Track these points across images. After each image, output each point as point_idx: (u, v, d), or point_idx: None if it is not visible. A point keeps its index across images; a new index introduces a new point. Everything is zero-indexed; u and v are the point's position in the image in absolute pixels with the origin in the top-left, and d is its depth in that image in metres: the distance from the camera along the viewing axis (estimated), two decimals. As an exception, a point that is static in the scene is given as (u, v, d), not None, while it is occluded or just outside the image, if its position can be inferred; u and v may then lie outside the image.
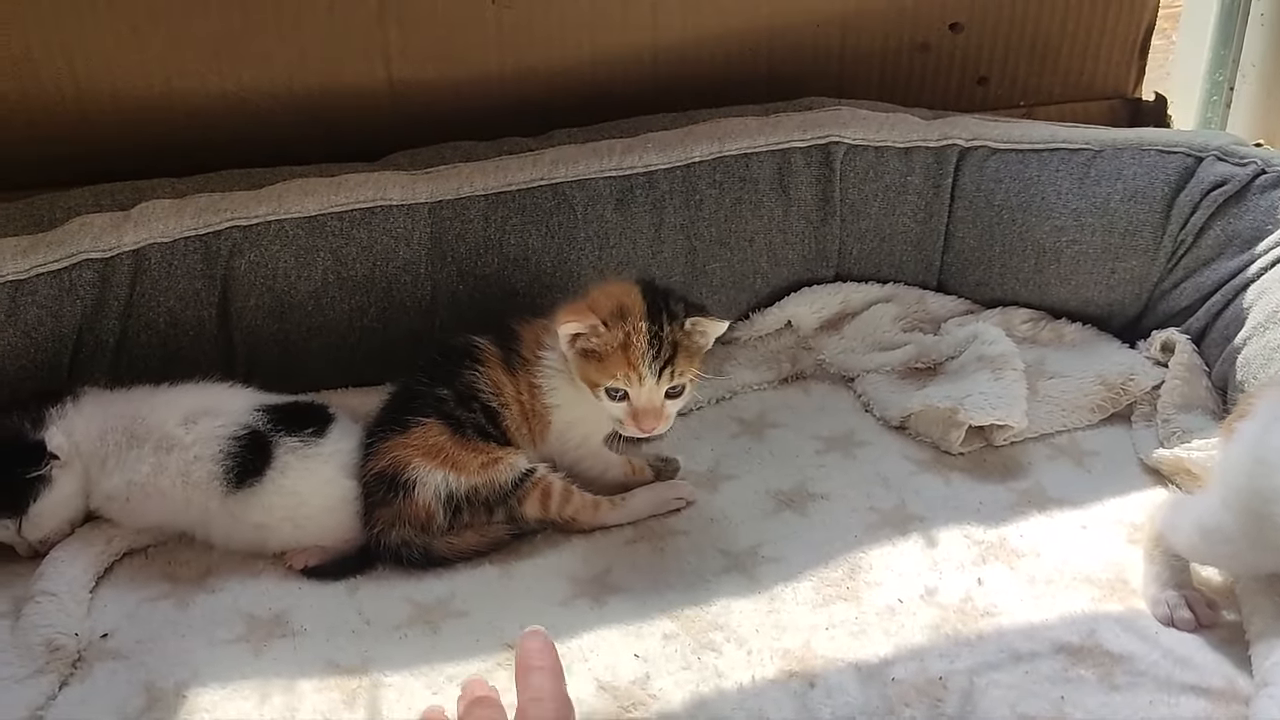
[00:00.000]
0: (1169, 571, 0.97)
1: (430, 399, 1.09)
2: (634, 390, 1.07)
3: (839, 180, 1.35)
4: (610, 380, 1.07)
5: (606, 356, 1.07)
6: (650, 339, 1.07)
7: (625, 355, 1.06)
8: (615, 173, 1.31)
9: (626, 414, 1.08)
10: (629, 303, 1.09)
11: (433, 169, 1.30)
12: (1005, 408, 1.17)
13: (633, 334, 1.06)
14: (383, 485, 1.06)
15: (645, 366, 1.06)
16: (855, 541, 1.08)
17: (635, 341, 1.06)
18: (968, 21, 1.55)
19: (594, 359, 1.07)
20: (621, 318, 1.07)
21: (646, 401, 1.08)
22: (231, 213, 1.21)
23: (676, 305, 1.10)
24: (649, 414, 1.08)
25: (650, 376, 1.07)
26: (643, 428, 1.08)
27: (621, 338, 1.06)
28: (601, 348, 1.07)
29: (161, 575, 1.06)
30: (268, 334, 1.23)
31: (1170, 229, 1.26)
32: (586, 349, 1.07)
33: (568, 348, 1.09)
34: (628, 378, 1.06)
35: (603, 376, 1.07)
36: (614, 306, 1.08)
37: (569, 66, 1.42)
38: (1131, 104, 1.64)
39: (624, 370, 1.06)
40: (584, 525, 1.11)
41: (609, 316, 1.07)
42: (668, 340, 1.08)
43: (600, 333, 1.07)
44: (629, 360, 1.06)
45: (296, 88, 1.34)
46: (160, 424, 1.06)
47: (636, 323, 1.07)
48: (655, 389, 1.08)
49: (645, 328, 1.07)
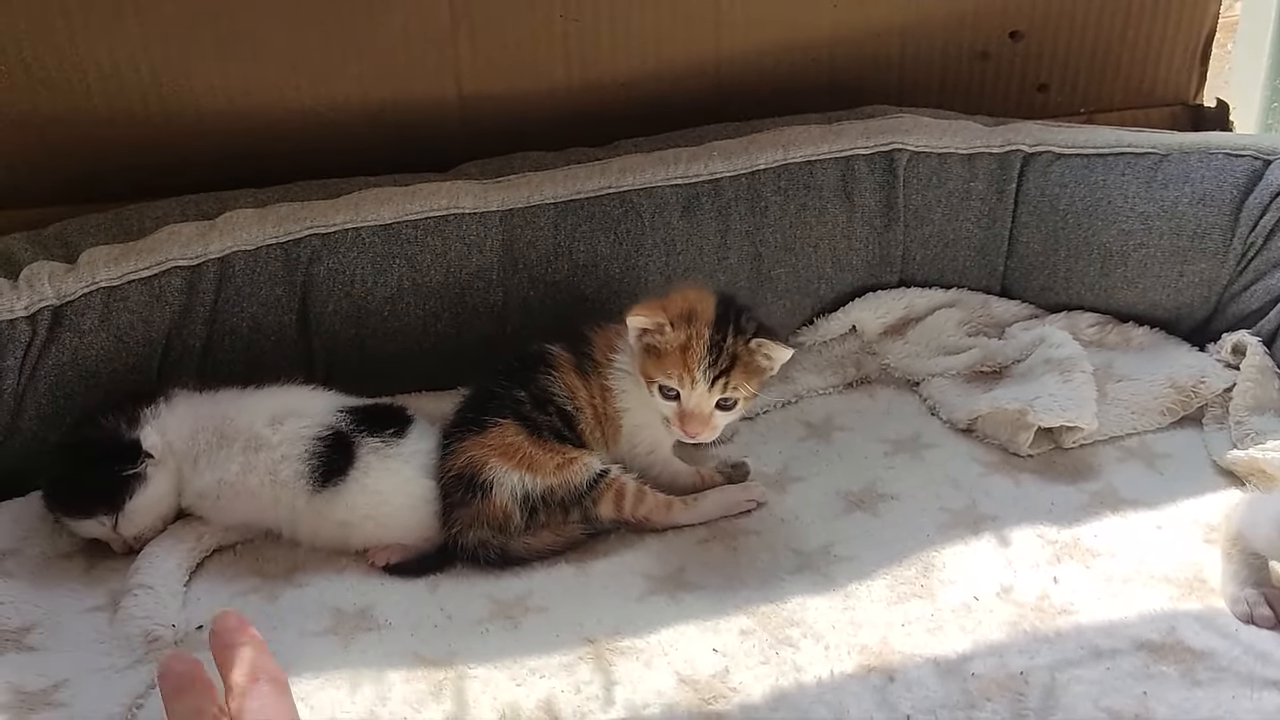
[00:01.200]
0: (1247, 570, 0.96)
1: (507, 400, 1.12)
2: (685, 392, 1.10)
3: (902, 186, 1.36)
4: (664, 377, 1.09)
5: (665, 354, 1.09)
6: (710, 346, 1.09)
7: (683, 356, 1.09)
8: (681, 180, 1.33)
9: (674, 414, 1.11)
10: (700, 309, 1.11)
11: (503, 178, 1.33)
12: (1075, 409, 1.17)
13: (694, 338, 1.09)
14: (461, 486, 1.09)
15: (699, 370, 1.09)
16: (928, 541, 1.09)
17: (695, 345, 1.09)
18: (1027, 29, 1.56)
19: (654, 355, 1.10)
20: (688, 321, 1.10)
21: (695, 405, 1.10)
22: (311, 221, 1.25)
23: (748, 323, 1.13)
24: (695, 418, 1.10)
25: (703, 382, 1.09)
26: (687, 430, 1.10)
27: (683, 339, 1.09)
28: (663, 345, 1.10)
29: (251, 570, 1.09)
30: (345, 338, 1.26)
31: (1240, 231, 1.26)
32: (650, 344, 1.10)
33: (635, 340, 1.11)
34: (681, 378, 1.09)
35: (658, 372, 1.10)
36: (685, 309, 1.11)
37: (634, 78, 1.45)
38: (1193, 110, 1.64)
39: (679, 370, 1.09)
40: (657, 525, 1.13)
41: (677, 317, 1.10)
42: (727, 351, 1.10)
43: (665, 331, 1.09)
44: (685, 362, 1.09)
45: (371, 101, 1.38)
46: (248, 424, 1.09)
47: (700, 328, 1.10)
48: (706, 396, 1.10)
49: (708, 334, 1.10)
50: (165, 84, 1.33)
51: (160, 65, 1.32)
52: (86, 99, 1.32)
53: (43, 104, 1.30)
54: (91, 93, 1.32)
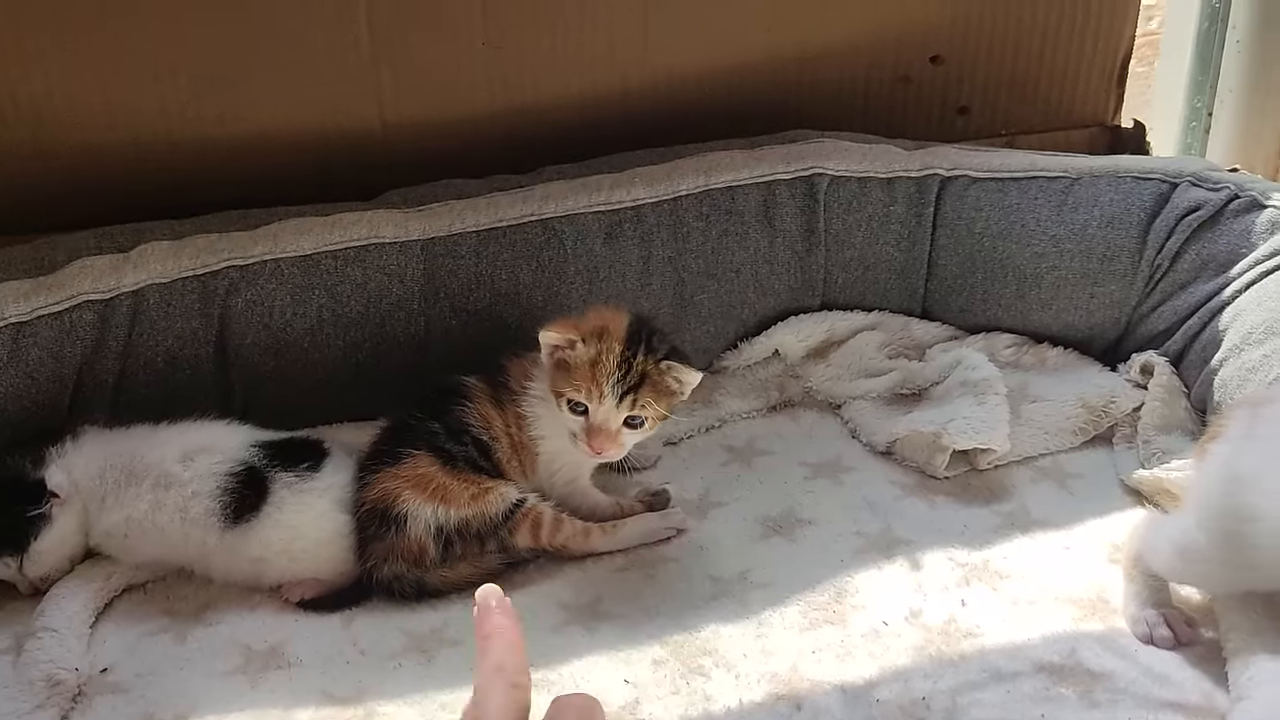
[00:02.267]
0: (1148, 590, 0.98)
1: (422, 432, 1.12)
2: (593, 406, 1.10)
3: (823, 211, 1.38)
4: (573, 391, 1.10)
5: (575, 369, 1.10)
6: (620, 362, 1.10)
7: (592, 371, 1.10)
8: (604, 207, 1.34)
9: (582, 429, 1.11)
10: (613, 326, 1.12)
11: (425, 207, 1.33)
12: (988, 431, 1.19)
13: (604, 353, 1.10)
14: (375, 519, 1.08)
15: (607, 385, 1.09)
16: (842, 566, 1.10)
17: (604, 360, 1.10)
18: (947, 54, 1.58)
19: (564, 370, 1.11)
20: (599, 337, 1.11)
21: (602, 421, 1.10)
22: (228, 253, 1.24)
23: (659, 343, 1.13)
24: (602, 434, 1.10)
25: (610, 397, 1.10)
26: (594, 446, 1.11)
27: (593, 354, 1.10)
28: (573, 360, 1.10)
29: (160, 610, 1.08)
30: (264, 371, 1.25)
31: (1147, 254, 1.28)
32: (561, 360, 1.11)
33: (547, 357, 1.12)
34: (589, 392, 1.09)
35: (567, 386, 1.10)
36: (597, 326, 1.12)
37: (558, 104, 1.45)
38: (1111, 131, 1.67)
39: (587, 384, 1.09)
40: (576, 553, 1.13)
41: (589, 334, 1.11)
42: (636, 369, 1.11)
43: (576, 346, 1.10)
44: (594, 376, 1.09)
45: (292, 130, 1.38)
46: (158, 461, 1.08)
47: (611, 344, 1.11)
48: (614, 412, 1.10)
49: (618, 350, 1.10)
50: (82, 114, 1.32)
51: (78, 97, 1.31)
52: (4, 131, 1.30)
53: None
54: (8, 125, 1.30)
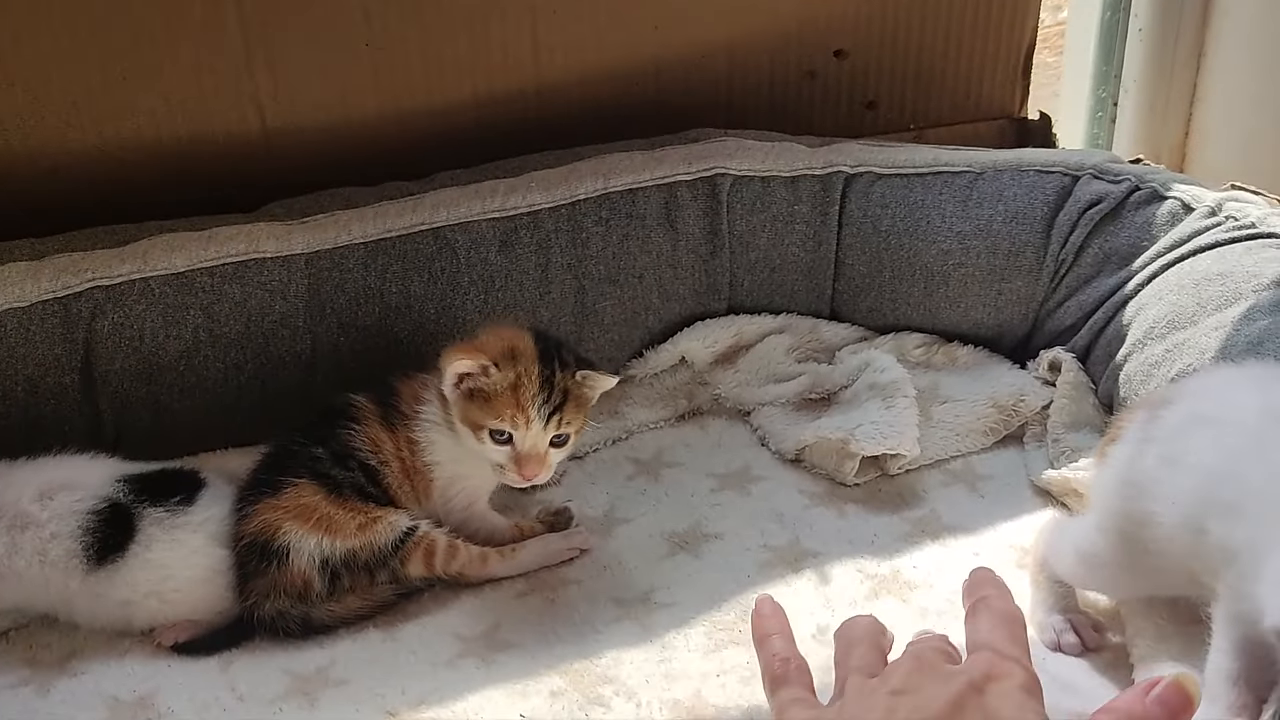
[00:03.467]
0: (1054, 596, 0.96)
1: (304, 458, 1.06)
2: (519, 434, 1.04)
3: (726, 212, 1.34)
4: (496, 421, 1.04)
5: (495, 397, 1.04)
6: (541, 383, 1.04)
7: (515, 396, 1.04)
8: (498, 214, 1.29)
9: (509, 459, 1.05)
10: (521, 346, 1.06)
11: (309, 219, 1.26)
12: (896, 436, 1.16)
13: (524, 376, 1.04)
14: (255, 554, 1.02)
15: (534, 410, 1.04)
16: (748, 582, 1.06)
17: (526, 384, 1.04)
18: (851, 48, 1.55)
19: (480, 399, 1.04)
20: (513, 359, 1.05)
21: (531, 447, 1.05)
22: (92, 273, 1.16)
23: (569, 355, 1.09)
24: (532, 460, 1.05)
25: (538, 421, 1.04)
26: (524, 474, 1.05)
27: (513, 378, 1.04)
28: (490, 388, 1.04)
29: (21, 660, 1.00)
30: (136, 398, 1.18)
31: (1051, 248, 1.26)
32: (473, 389, 1.04)
33: (452, 389, 1.05)
34: (514, 420, 1.04)
35: (488, 417, 1.04)
36: (505, 348, 1.06)
37: (450, 108, 1.40)
38: (1018, 123, 1.66)
39: (512, 412, 1.03)
40: (473, 579, 1.08)
41: (500, 357, 1.05)
42: (559, 387, 1.05)
43: (491, 373, 1.04)
44: (518, 402, 1.03)
45: (164, 139, 1.30)
46: (14, 501, 1.01)
47: (529, 365, 1.05)
48: (541, 435, 1.05)
49: (538, 371, 1.05)
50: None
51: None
52: None
53: None
54: None
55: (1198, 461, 0.78)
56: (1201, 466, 0.78)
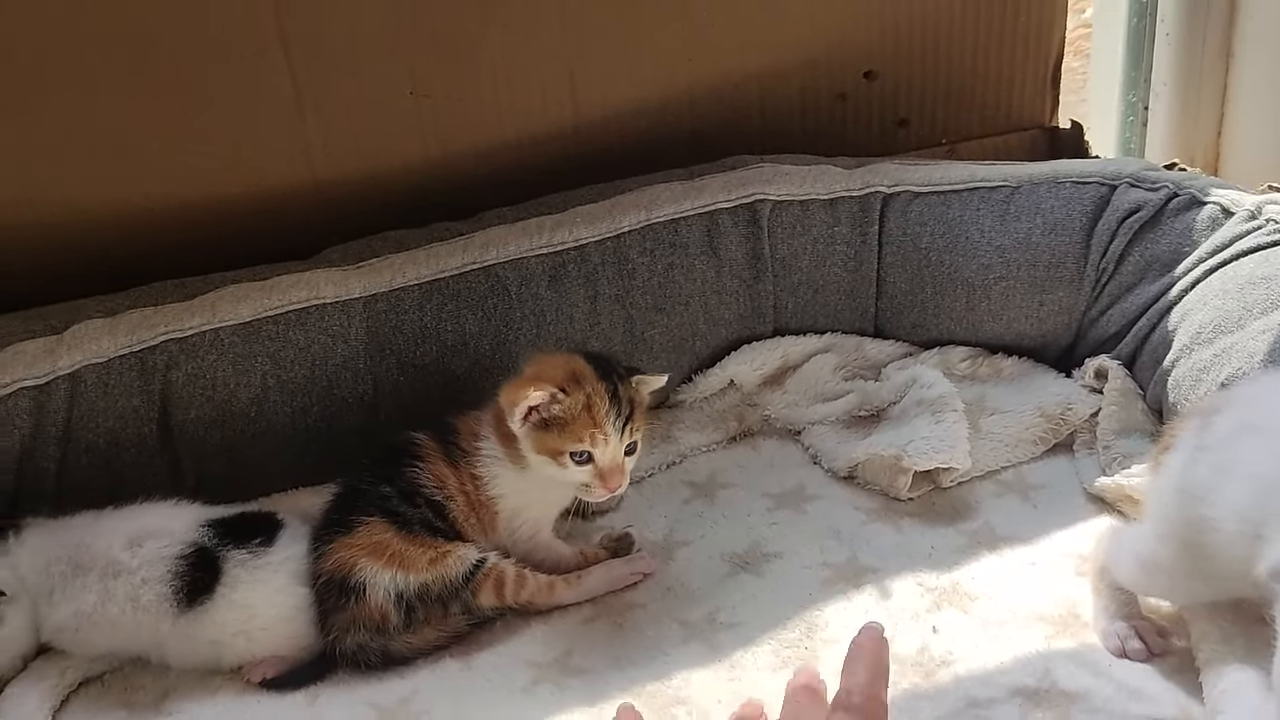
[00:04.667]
0: (1116, 603, 0.98)
1: (373, 497, 1.09)
2: (599, 450, 1.08)
3: (767, 237, 1.37)
4: (576, 443, 1.07)
5: (571, 421, 1.07)
6: (612, 398, 1.08)
7: (591, 416, 1.07)
8: (546, 250, 1.33)
9: (593, 476, 1.09)
10: (579, 369, 1.10)
11: (365, 263, 1.31)
12: (948, 450, 1.18)
13: (594, 395, 1.08)
14: (333, 590, 1.06)
15: (610, 425, 1.08)
16: (810, 600, 1.09)
17: (598, 402, 1.08)
18: (881, 69, 1.58)
19: (555, 427, 1.08)
20: (577, 382, 1.09)
21: (611, 460, 1.09)
22: (165, 326, 1.21)
23: (619, 365, 1.13)
24: (615, 472, 1.09)
25: (615, 435, 1.08)
26: (610, 486, 1.09)
27: (584, 400, 1.07)
28: (564, 414, 1.07)
29: (118, 703, 1.05)
30: (212, 444, 1.22)
31: (1092, 258, 1.28)
32: (546, 418, 1.08)
33: (521, 424, 1.08)
34: (594, 438, 1.07)
35: (567, 442, 1.07)
36: (565, 374, 1.09)
37: (493, 149, 1.44)
38: (1050, 133, 1.68)
39: (590, 431, 1.07)
40: (541, 607, 1.11)
41: (565, 383, 1.08)
42: (625, 398, 1.09)
43: (560, 399, 1.07)
44: (595, 420, 1.07)
45: (222, 194, 1.35)
46: (105, 550, 1.05)
47: (595, 384, 1.08)
48: (619, 446, 1.09)
49: (604, 388, 1.08)
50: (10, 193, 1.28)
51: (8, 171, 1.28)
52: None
53: None
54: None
55: (1250, 470, 0.80)
56: (1254, 474, 0.80)
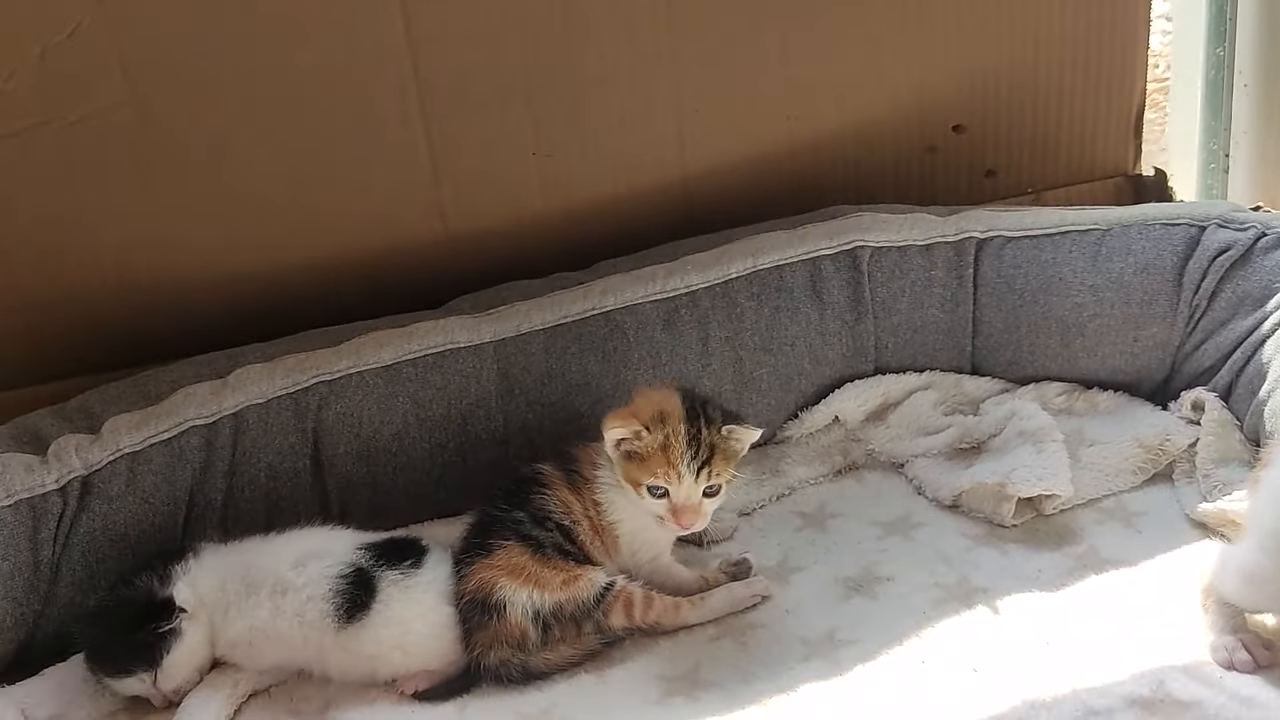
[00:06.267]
0: (1224, 619, 1.02)
1: (508, 522, 1.18)
2: (673, 488, 1.16)
3: (868, 281, 1.45)
4: (651, 478, 1.16)
5: (648, 457, 1.16)
6: (689, 441, 1.16)
7: (665, 455, 1.16)
8: (660, 296, 1.42)
9: (667, 510, 1.17)
10: (669, 408, 1.19)
11: (494, 310, 1.41)
12: (1051, 477, 1.24)
13: (672, 436, 1.16)
14: (476, 609, 1.14)
15: (684, 466, 1.16)
16: (925, 619, 1.15)
17: (674, 443, 1.16)
18: (969, 122, 1.66)
19: (637, 460, 1.17)
20: (662, 421, 1.17)
21: (685, 499, 1.17)
22: (316, 370, 1.33)
23: (714, 411, 1.20)
24: (688, 510, 1.17)
25: (689, 475, 1.16)
26: (681, 523, 1.17)
27: (662, 439, 1.16)
28: (644, 449, 1.16)
29: (286, 711, 1.14)
30: (358, 477, 1.33)
31: (1184, 295, 1.34)
32: (630, 451, 1.17)
33: (613, 450, 1.18)
34: (667, 476, 1.16)
35: (644, 475, 1.16)
36: (655, 411, 1.18)
37: (607, 201, 1.55)
38: (1134, 180, 1.74)
39: (664, 469, 1.15)
40: (668, 627, 1.18)
41: (650, 421, 1.17)
42: (705, 442, 1.17)
43: (643, 436, 1.16)
44: (669, 460, 1.15)
45: (365, 250, 1.48)
46: (273, 569, 1.15)
47: (675, 425, 1.17)
48: (694, 487, 1.17)
49: (684, 430, 1.17)
50: (173, 253, 1.42)
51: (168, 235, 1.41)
52: (98, 274, 1.41)
53: (58, 285, 1.39)
54: (103, 268, 1.41)
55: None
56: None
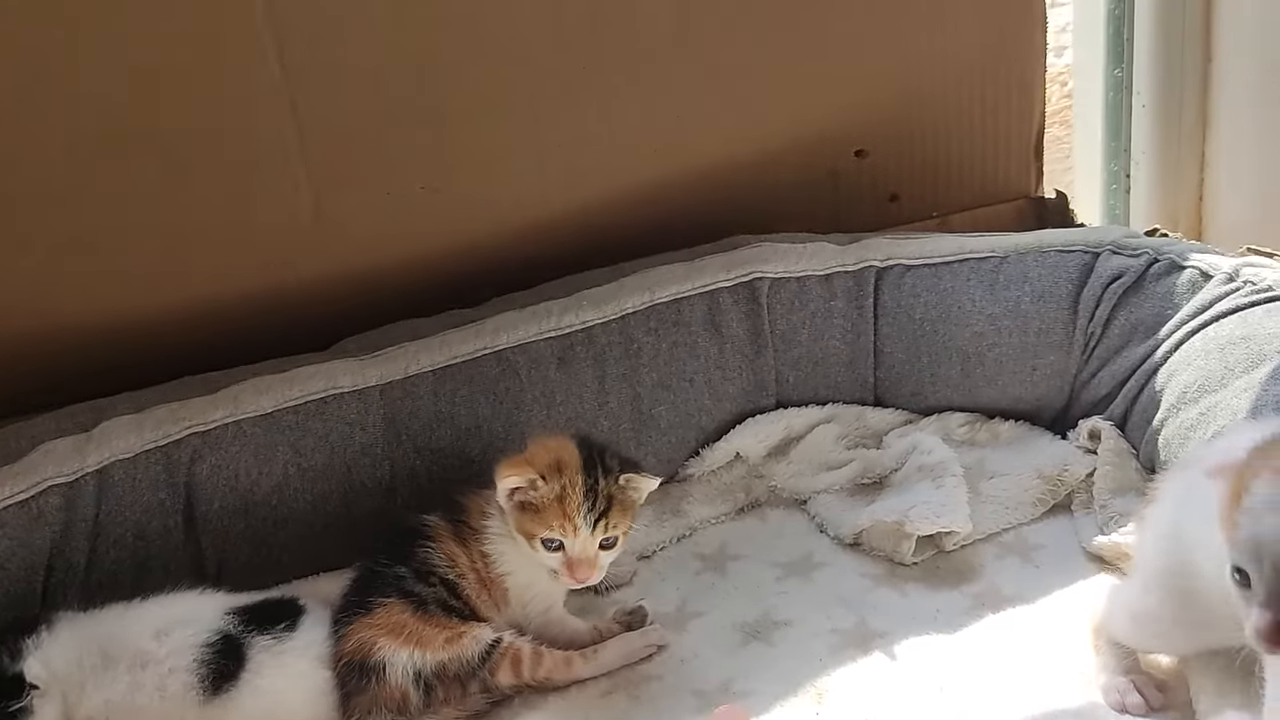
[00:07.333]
0: (1115, 659, 1.00)
1: (389, 578, 1.13)
2: (569, 541, 1.12)
3: (767, 313, 1.42)
4: (546, 531, 1.12)
5: (543, 509, 1.12)
6: (586, 492, 1.12)
7: (561, 507, 1.12)
8: (555, 333, 1.38)
9: (561, 564, 1.13)
10: (565, 457, 1.14)
11: (381, 352, 1.36)
12: (949, 514, 1.22)
13: (569, 487, 1.12)
14: (354, 672, 1.08)
15: (580, 518, 1.12)
16: (820, 666, 1.11)
17: (571, 494, 1.12)
18: (871, 147, 1.65)
19: (531, 511, 1.12)
20: (558, 471, 1.13)
21: (580, 552, 1.12)
22: (189, 420, 1.26)
23: (612, 460, 1.16)
24: (583, 564, 1.13)
25: (585, 528, 1.12)
26: (577, 577, 1.13)
27: (558, 490, 1.12)
28: (539, 500, 1.12)
29: (147, 790, 1.07)
30: (235, 533, 1.26)
31: (1080, 323, 1.33)
32: (524, 502, 1.13)
33: (506, 501, 1.14)
34: (563, 528, 1.12)
35: (538, 527, 1.12)
36: (551, 460, 1.14)
37: (499, 238, 1.50)
38: (1037, 203, 1.73)
39: (560, 521, 1.11)
40: (559, 683, 1.14)
41: (546, 470, 1.13)
42: (603, 494, 1.13)
43: (538, 486, 1.12)
44: (565, 512, 1.11)
45: (244, 292, 1.41)
46: (134, 640, 1.08)
47: (572, 476, 1.13)
48: (590, 540, 1.13)
49: (581, 481, 1.13)
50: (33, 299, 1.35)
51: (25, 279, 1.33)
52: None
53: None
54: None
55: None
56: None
